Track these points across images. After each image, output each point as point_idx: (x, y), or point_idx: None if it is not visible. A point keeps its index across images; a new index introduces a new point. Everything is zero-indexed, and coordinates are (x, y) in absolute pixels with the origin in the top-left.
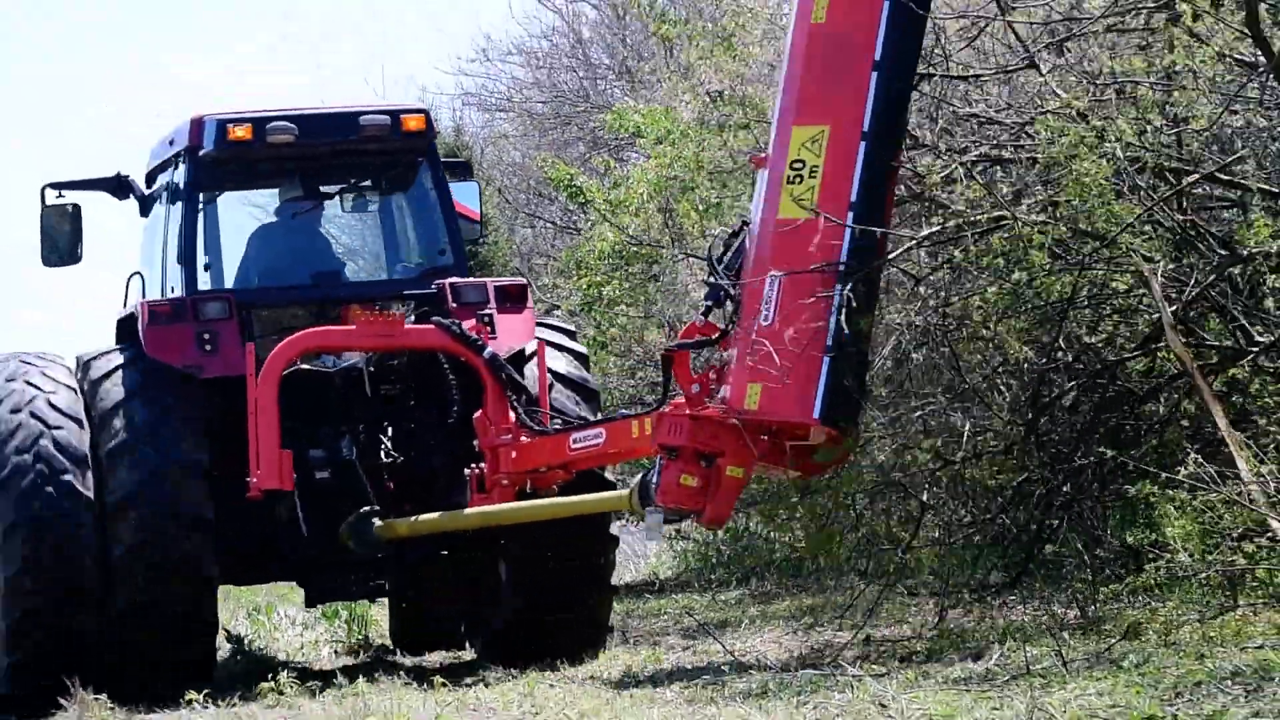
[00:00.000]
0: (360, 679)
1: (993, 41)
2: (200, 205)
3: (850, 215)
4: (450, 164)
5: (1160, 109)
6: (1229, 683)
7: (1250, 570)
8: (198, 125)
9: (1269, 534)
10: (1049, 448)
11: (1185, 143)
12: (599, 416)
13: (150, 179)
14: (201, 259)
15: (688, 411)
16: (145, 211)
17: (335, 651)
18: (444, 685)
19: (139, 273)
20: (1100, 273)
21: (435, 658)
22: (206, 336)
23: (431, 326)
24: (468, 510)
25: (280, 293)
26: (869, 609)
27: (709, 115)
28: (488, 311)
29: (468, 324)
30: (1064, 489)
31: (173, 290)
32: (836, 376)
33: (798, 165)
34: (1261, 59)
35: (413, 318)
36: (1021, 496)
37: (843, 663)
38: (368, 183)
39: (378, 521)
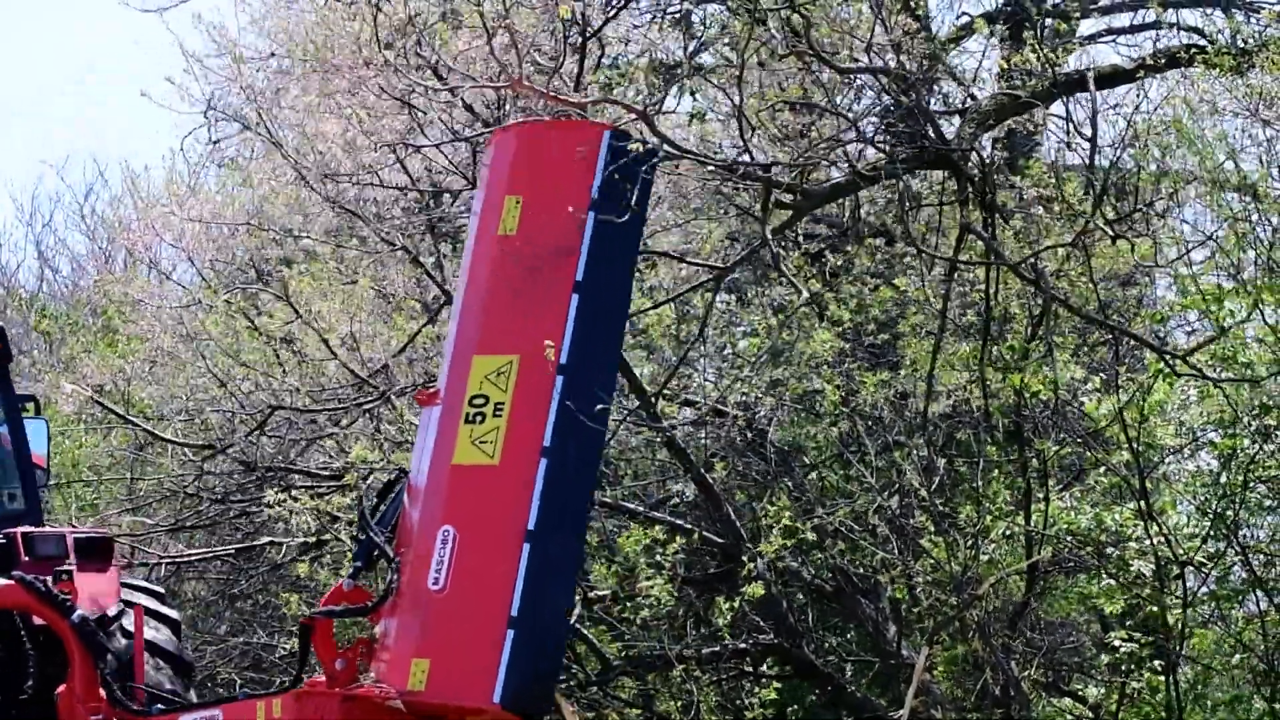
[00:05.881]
0: None
1: None
2: None
3: (543, 463)
4: (19, 397)
5: None
6: None
7: None
8: None
9: None
10: None
11: None
12: (192, 693)
13: None
14: None
15: (337, 690)
16: None
17: None
18: None
19: None
20: None
21: None
22: None
23: (12, 583)
24: None
25: None
26: None
27: (88, 410)
28: (67, 568)
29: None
30: None
31: None
32: (523, 652)
33: (479, 401)
34: None
35: None
36: None
37: None
38: None
39: None
